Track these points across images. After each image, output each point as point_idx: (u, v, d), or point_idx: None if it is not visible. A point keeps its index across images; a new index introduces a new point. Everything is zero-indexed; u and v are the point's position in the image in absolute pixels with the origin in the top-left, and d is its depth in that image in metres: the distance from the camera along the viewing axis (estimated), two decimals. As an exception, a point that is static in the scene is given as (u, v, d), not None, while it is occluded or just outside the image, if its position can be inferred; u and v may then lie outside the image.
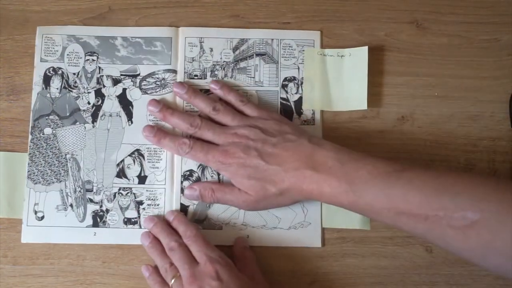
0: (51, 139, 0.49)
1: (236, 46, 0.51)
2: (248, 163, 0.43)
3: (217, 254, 0.43)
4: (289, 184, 0.42)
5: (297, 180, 0.42)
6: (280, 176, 0.43)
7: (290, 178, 0.42)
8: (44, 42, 0.50)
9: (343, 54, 0.50)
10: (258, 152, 0.43)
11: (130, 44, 0.50)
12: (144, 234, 0.46)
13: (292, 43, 0.51)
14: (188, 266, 0.42)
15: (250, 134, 0.44)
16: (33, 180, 0.48)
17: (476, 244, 0.35)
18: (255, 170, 0.43)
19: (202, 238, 0.44)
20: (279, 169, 0.43)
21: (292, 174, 0.42)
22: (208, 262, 0.41)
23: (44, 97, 0.49)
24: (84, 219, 0.47)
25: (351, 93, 0.50)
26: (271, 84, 0.51)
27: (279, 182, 0.43)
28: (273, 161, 0.43)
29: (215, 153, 0.45)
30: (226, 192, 0.45)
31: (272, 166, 0.43)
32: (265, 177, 0.43)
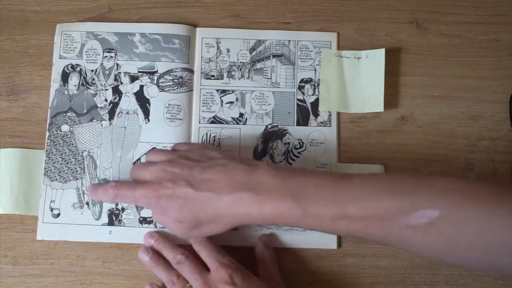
0: (68, 136, 0.49)
1: (253, 47, 0.51)
2: (177, 193, 0.39)
3: (228, 260, 0.43)
4: (224, 210, 0.39)
5: (233, 205, 0.38)
6: (213, 202, 0.39)
7: (224, 204, 0.38)
8: (63, 39, 0.50)
9: (360, 56, 0.50)
10: (186, 180, 0.39)
11: (148, 40, 0.50)
12: (144, 250, 0.46)
13: (309, 45, 0.51)
14: (199, 275, 0.42)
15: (176, 163, 0.41)
16: (49, 177, 0.48)
17: (439, 242, 0.34)
18: (185, 200, 0.39)
19: (212, 243, 0.44)
20: (211, 195, 0.39)
21: (227, 199, 0.38)
22: (220, 267, 0.41)
23: (62, 94, 0.49)
24: (100, 217, 0.47)
25: (368, 95, 0.50)
26: (288, 85, 0.51)
27: (210, 209, 0.39)
28: (204, 188, 0.39)
29: (143, 188, 0.41)
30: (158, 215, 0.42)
31: (202, 192, 0.39)
32: (196, 206, 0.39)
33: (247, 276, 0.42)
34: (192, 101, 0.50)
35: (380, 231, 0.36)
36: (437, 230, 0.34)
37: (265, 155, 0.49)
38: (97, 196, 0.44)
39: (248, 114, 0.50)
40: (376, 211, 0.35)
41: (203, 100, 0.50)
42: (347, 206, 0.36)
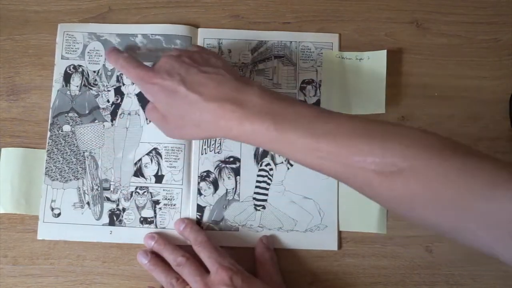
0: (69, 137, 0.49)
1: (254, 48, 0.51)
2: (169, 86, 0.40)
3: (228, 261, 0.43)
4: (207, 116, 0.39)
5: (217, 114, 0.39)
6: (199, 105, 0.39)
7: (209, 110, 0.39)
8: (65, 39, 0.50)
9: (361, 57, 0.50)
10: (181, 77, 0.41)
11: (150, 41, 0.50)
12: (142, 253, 0.46)
13: (310, 46, 0.51)
14: (200, 277, 0.42)
15: (179, 59, 0.42)
16: (50, 177, 0.48)
17: (403, 193, 0.34)
18: (174, 96, 0.40)
19: (212, 245, 0.44)
20: (199, 99, 0.39)
21: (212, 106, 0.39)
22: (220, 269, 0.41)
23: (64, 94, 0.49)
24: (101, 218, 0.47)
25: (370, 96, 0.50)
26: (289, 86, 0.51)
27: (197, 112, 0.40)
28: (195, 89, 0.40)
29: (144, 71, 0.42)
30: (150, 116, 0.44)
31: (192, 93, 0.39)
32: (183, 105, 0.40)
33: (247, 277, 0.42)
34: None
35: (348, 171, 0.35)
36: (402, 181, 0.33)
37: (266, 156, 0.49)
38: (109, 59, 0.46)
39: None
40: (348, 150, 0.35)
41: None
42: (322, 139, 0.36)
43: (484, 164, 0.32)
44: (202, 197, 0.48)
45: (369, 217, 0.47)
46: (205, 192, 0.48)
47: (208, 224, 0.48)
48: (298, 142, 0.36)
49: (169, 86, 0.41)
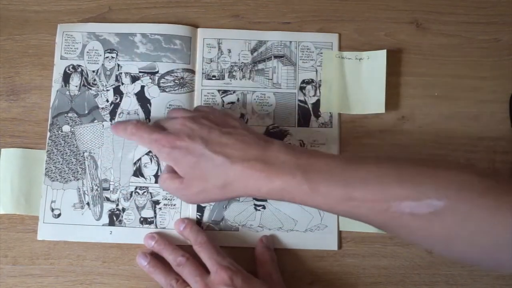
0: (69, 137, 0.49)
1: (254, 48, 0.51)
2: (192, 149, 0.40)
3: (228, 262, 0.42)
4: (235, 177, 0.39)
5: (245, 174, 0.39)
6: (225, 167, 0.39)
7: (236, 171, 0.39)
8: (65, 39, 0.50)
9: (361, 57, 0.50)
10: (203, 140, 0.40)
11: (149, 41, 0.50)
12: (141, 255, 0.46)
13: (310, 46, 0.51)
14: (200, 278, 0.42)
15: (197, 121, 0.42)
16: (50, 177, 0.48)
17: (441, 232, 0.34)
18: (198, 159, 0.40)
19: (212, 245, 0.44)
20: (225, 160, 0.39)
21: (240, 167, 0.39)
22: (220, 269, 0.41)
23: (63, 94, 0.49)
24: (101, 218, 0.47)
25: (369, 96, 0.50)
26: (289, 86, 0.51)
27: (223, 174, 0.39)
28: (219, 151, 0.40)
29: (161, 135, 0.42)
30: (168, 185, 0.43)
31: (217, 156, 0.39)
32: (208, 168, 0.40)
33: (247, 277, 0.42)
34: (193, 102, 0.50)
35: (384, 216, 0.36)
36: (439, 221, 0.34)
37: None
38: (116, 131, 0.46)
39: (249, 115, 0.50)
40: (383, 196, 0.35)
41: (204, 100, 0.50)
42: (355, 188, 0.36)
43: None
44: None
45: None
46: (205, 192, 0.48)
47: (208, 224, 0.48)
48: (331, 194, 0.37)
49: (191, 149, 0.40)
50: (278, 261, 0.46)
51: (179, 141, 0.41)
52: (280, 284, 0.44)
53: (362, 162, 0.38)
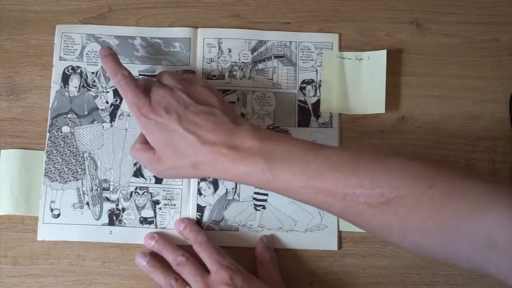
0: (69, 138, 0.49)
1: (254, 48, 0.51)
2: (167, 125, 0.41)
3: (228, 261, 0.43)
4: (204, 159, 0.40)
5: (213, 156, 0.40)
6: (195, 147, 0.40)
7: (205, 153, 0.40)
8: (63, 40, 0.50)
9: (361, 57, 0.50)
10: (179, 116, 0.41)
11: (149, 44, 0.50)
12: (141, 255, 0.46)
13: (310, 46, 0.51)
14: (200, 277, 0.42)
15: (176, 95, 0.42)
16: (50, 178, 0.48)
17: (394, 221, 0.35)
18: (171, 135, 0.41)
19: (212, 245, 0.44)
20: (196, 141, 0.40)
21: (209, 149, 0.40)
22: (220, 269, 0.41)
23: (63, 95, 0.49)
24: (100, 218, 0.47)
25: (369, 96, 0.50)
26: (289, 86, 0.51)
27: (193, 154, 0.40)
28: (192, 130, 0.40)
29: (142, 101, 0.42)
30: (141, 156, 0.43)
31: (189, 135, 0.40)
32: (180, 145, 0.41)
33: (247, 277, 0.42)
34: None
35: (340, 204, 0.37)
36: (391, 210, 0.34)
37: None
38: (105, 66, 0.45)
39: (249, 115, 0.50)
40: (337, 184, 0.36)
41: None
42: (313, 175, 0.37)
43: (471, 185, 0.33)
44: (202, 197, 0.48)
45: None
46: (205, 192, 0.48)
47: (208, 224, 0.48)
48: (292, 181, 0.38)
49: (166, 124, 0.41)
50: (278, 261, 0.46)
51: (155, 115, 0.41)
52: (280, 284, 0.44)
53: (323, 150, 0.38)
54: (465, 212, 0.32)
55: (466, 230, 0.32)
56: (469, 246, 0.32)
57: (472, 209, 0.32)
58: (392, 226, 0.35)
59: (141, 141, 0.44)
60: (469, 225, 0.32)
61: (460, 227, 0.32)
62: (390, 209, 0.35)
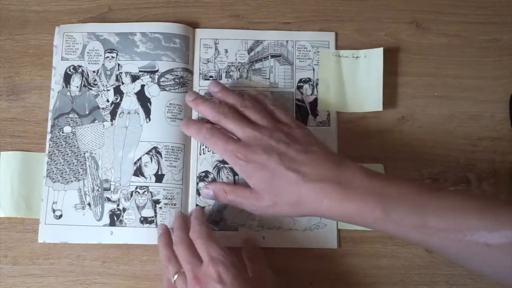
0: (70, 138, 0.49)
1: (251, 48, 0.51)
2: (267, 165, 0.41)
3: (219, 253, 0.41)
4: (307, 197, 0.39)
5: (317, 194, 0.39)
6: (298, 185, 0.39)
7: (309, 191, 0.39)
8: (65, 40, 0.50)
9: (358, 56, 0.50)
10: (280, 155, 0.41)
11: (149, 39, 0.50)
12: (158, 226, 0.46)
13: (307, 45, 0.51)
14: (191, 266, 0.40)
15: (275, 135, 0.42)
16: (52, 178, 0.48)
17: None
18: (272, 174, 0.40)
19: (207, 235, 0.42)
20: (299, 178, 0.39)
21: (313, 187, 0.39)
22: (210, 263, 0.40)
23: (64, 95, 0.49)
24: (102, 218, 0.47)
25: (367, 94, 0.50)
26: (286, 85, 0.51)
27: (295, 191, 0.40)
28: (294, 168, 0.40)
29: (236, 146, 0.42)
30: (238, 195, 0.44)
31: (291, 173, 0.40)
32: (281, 184, 0.40)
33: (239, 274, 0.40)
34: None
35: (457, 245, 0.36)
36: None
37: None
38: (189, 131, 0.46)
39: None
40: (457, 225, 0.36)
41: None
42: (428, 216, 0.36)
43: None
44: (201, 197, 0.48)
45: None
46: (205, 192, 0.48)
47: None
48: (404, 221, 0.37)
49: (266, 164, 0.41)
50: (278, 261, 0.46)
51: (255, 156, 0.41)
52: (273, 279, 0.43)
53: (438, 190, 0.38)
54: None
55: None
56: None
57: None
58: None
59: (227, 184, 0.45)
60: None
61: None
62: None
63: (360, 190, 0.38)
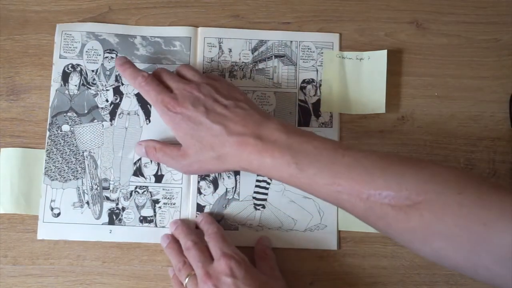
0: (68, 136, 0.49)
1: (255, 47, 0.51)
2: (193, 117, 0.42)
3: (232, 250, 0.42)
4: (230, 150, 0.41)
5: (239, 147, 0.40)
6: (222, 138, 0.41)
7: (232, 143, 0.40)
8: (64, 38, 0.50)
9: (362, 57, 0.50)
10: (206, 109, 0.42)
11: (149, 43, 0.50)
12: (164, 236, 0.46)
13: (311, 45, 0.51)
14: (202, 264, 0.42)
15: (204, 90, 0.44)
16: (50, 176, 0.48)
17: (417, 226, 0.34)
18: (198, 127, 0.42)
19: (220, 235, 0.44)
20: (223, 131, 0.41)
21: (235, 140, 0.40)
22: (222, 258, 0.41)
23: (63, 94, 0.49)
24: (100, 217, 0.47)
25: (370, 96, 0.50)
26: (290, 86, 0.51)
27: (219, 145, 0.41)
28: (218, 121, 0.41)
29: (167, 96, 0.43)
30: (166, 153, 0.44)
31: (216, 126, 0.41)
32: (206, 137, 0.41)
33: (250, 269, 0.41)
34: None
35: (363, 206, 0.36)
36: (417, 213, 0.34)
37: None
38: (124, 73, 0.47)
39: None
40: (364, 184, 0.36)
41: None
42: (339, 174, 0.37)
43: (499, 196, 0.33)
44: (201, 196, 0.48)
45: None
46: (205, 191, 0.48)
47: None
48: (317, 177, 0.38)
49: (193, 116, 0.42)
50: (278, 261, 0.46)
51: (183, 108, 0.42)
52: (281, 279, 0.44)
53: (351, 150, 0.39)
54: (492, 222, 0.32)
55: (491, 240, 0.32)
56: (492, 257, 0.32)
57: (500, 219, 0.32)
58: (415, 231, 0.35)
59: (158, 142, 0.46)
60: (495, 235, 0.31)
61: (485, 237, 0.32)
62: (415, 212, 0.34)
63: (278, 144, 0.39)
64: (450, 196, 0.34)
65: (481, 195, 0.33)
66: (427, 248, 0.35)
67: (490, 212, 0.32)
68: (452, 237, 0.33)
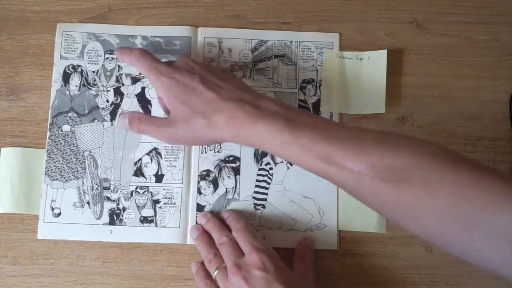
0: (69, 136, 0.49)
1: (255, 47, 0.51)
2: (187, 83, 0.41)
3: (263, 245, 0.43)
4: (221, 116, 0.39)
5: (232, 113, 0.39)
6: (214, 105, 0.39)
7: (224, 110, 0.39)
8: (64, 39, 0.50)
9: (362, 57, 0.50)
10: (202, 77, 0.41)
11: (149, 43, 0.51)
12: (194, 228, 0.47)
13: (311, 45, 0.51)
14: (234, 257, 0.42)
15: (199, 65, 0.43)
16: (50, 176, 0.48)
17: (409, 201, 0.33)
18: (191, 93, 0.41)
19: (249, 230, 0.44)
20: (216, 97, 0.40)
21: (229, 105, 0.39)
22: (253, 252, 0.41)
23: (63, 94, 0.49)
24: (101, 217, 0.47)
25: (370, 96, 0.50)
26: (290, 86, 0.51)
27: (211, 111, 0.39)
28: (213, 89, 0.40)
29: (161, 65, 0.43)
30: (151, 123, 0.43)
31: (210, 92, 0.40)
32: (197, 103, 0.40)
33: (280, 265, 0.41)
34: None
35: (354, 179, 0.35)
36: (409, 189, 0.33)
37: (266, 155, 0.49)
38: (121, 54, 0.46)
39: None
40: (357, 156, 0.35)
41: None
42: (331, 144, 0.36)
43: (493, 178, 0.32)
44: (202, 196, 0.48)
45: (369, 217, 0.48)
46: (205, 191, 0.48)
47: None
48: (309, 148, 0.37)
49: (188, 82, 0.41)
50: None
51: (178, 75, 0.42)
52: (313, 281, 0.44)
53: (345, 126, 0.38)
54: (486, 202, 0.31)
55: (485, 221, 0.31)
56: (485, 238, 0.31)
57: (494, 200, 0.31)
58: (406, 206, 0.34)
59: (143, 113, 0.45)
60: (489, 216, 0.31)
61: (479, 217, 0.31)
62: (407, 188, 0.33)
63: (272, 113, 0.38)
64: (445, 173, 0.33)
65: (476, 175, 0.33)
66: (418, 226, 0.35)
67: (485, 192, 0.32)
68: (443, 216, 0.33)
